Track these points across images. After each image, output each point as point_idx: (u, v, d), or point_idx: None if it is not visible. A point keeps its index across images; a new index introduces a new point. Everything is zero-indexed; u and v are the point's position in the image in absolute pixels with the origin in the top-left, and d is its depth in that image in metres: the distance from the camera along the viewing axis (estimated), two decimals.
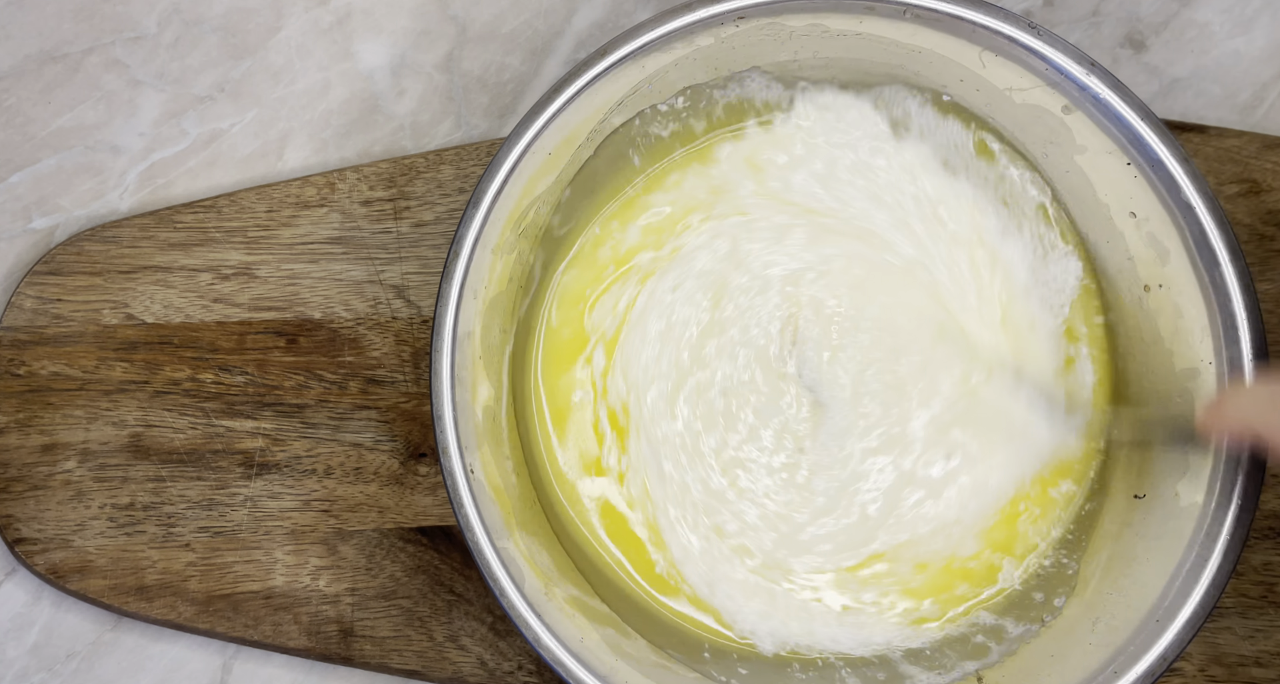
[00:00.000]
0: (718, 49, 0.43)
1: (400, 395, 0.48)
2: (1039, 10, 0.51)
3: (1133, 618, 0.41)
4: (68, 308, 0.48)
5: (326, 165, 0.51)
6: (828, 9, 0.42)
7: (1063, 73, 0.41)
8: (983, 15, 0.41)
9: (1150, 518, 0.42)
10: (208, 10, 0.51)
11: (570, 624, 0.41)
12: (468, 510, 0.40)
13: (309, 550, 0.47)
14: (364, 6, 0.51)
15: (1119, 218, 0.43)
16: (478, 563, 0.40)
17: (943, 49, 0.43)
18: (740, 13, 0.42)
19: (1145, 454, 0.44)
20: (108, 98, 0.50)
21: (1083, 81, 0.41)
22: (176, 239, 0.49)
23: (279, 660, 0.48)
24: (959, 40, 0.42)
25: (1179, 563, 0.40)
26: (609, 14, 0.51)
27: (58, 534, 0.47)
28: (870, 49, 0.44)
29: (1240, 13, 0.51)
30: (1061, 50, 0.41)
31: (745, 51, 0.44)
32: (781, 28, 0.43)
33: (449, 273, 0.41)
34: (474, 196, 0.41)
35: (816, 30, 0.43)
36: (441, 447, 0.40)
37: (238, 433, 0.48)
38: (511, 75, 0.51)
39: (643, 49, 0.42)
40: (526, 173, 0.42)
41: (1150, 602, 0.40)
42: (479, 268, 0.41)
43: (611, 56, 0.41)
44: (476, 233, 0.41)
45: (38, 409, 0.47)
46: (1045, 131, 0.44)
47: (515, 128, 0.41)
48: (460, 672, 0.47)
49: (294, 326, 0.48)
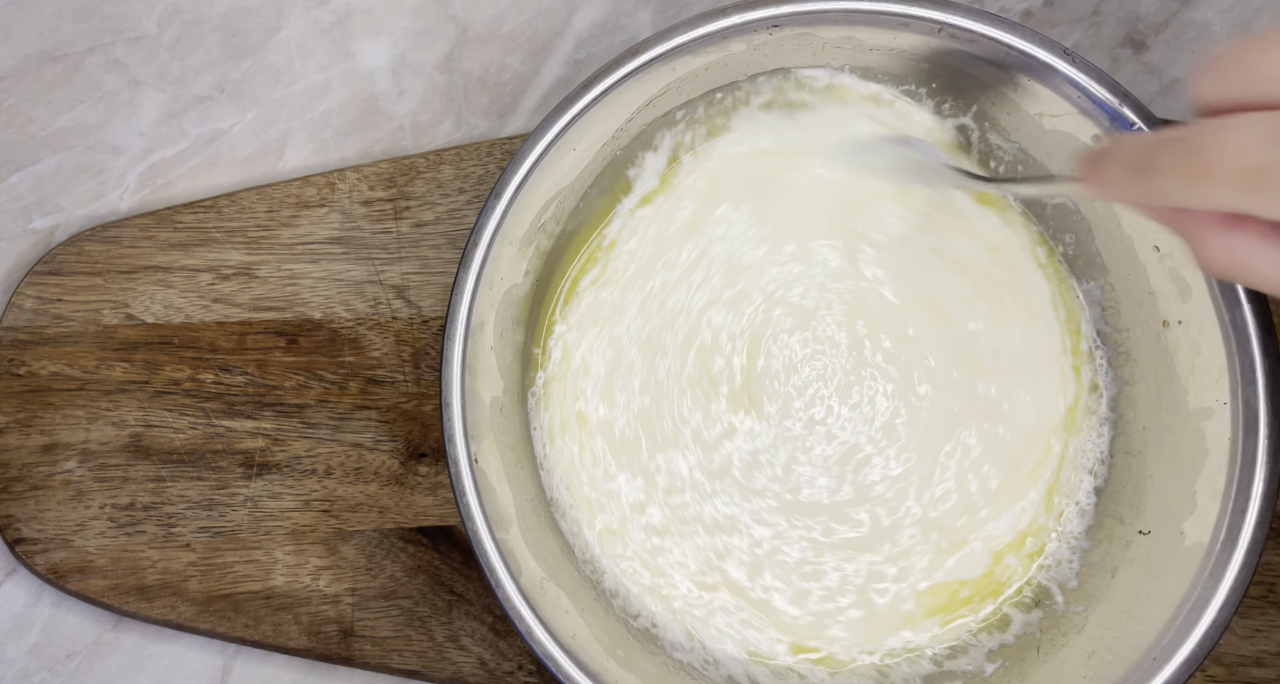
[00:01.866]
0: (749, 55, 0.43)
1: (400, 395, 0.48)
2: (1039, 10, 0.51)
3: (1129, 655, 0.40)
4: (68, 308, 0.48)
5: (326, 165, 0.51)
6: (863, 23, 0.42)
7: (1096, 101, 0.41)
8: (1019, 39, 0.41)
9: (1154, 555, 0.42)
10: (208, 10, 0.51)
11: (565, 620, 0.41)
12: (469, 499, 0.40)
13: (309, 550, 0.47)
14: (364, 6, 0.51)
15: (1142, 251, 0.43)
16: (476, 553, 0.40)
17: (974, 69, 0.43)
18: (775, 21, 0.41)
19: (1142, 485, 0.44)
20: (108, 98, 0.50)
21: (1116, 111, 0.41)
22: (176, 239, 0.49)
23: (279, 660, 0.48)
24: (992, 61, 0.42)
25: (1180, 602, 0.40)
26: (609, 14, 0.51)
27: (58, 534, 0.47)
28: (900, 65, 0.44)
29: (1240, 13, 0.51)
30: (1096, 79, 0.41)
31: (776, 59, 0.44)
32: (815, 38, 0.43)
33: (466, 261, 0.41)
34: (496, 187, 0.41)
35: (849, 43, 0.43)
36: (447, 435, 0.40)
37: (238, 433, 0.48)
38: (511, 75, 0.51)
39: (675, 51, 0.41)
40: (551, 167, 0.42)
41: (1149, 640, 0.40)
42: (496, 259, 0.41)
43: (643, 56, 0.41)
44: (496, 223, 0.41)
45: (38, 409, 0.48)
46: (1073, 159, 0.43)
47: (542, 122, 0.41)
48: (460, 672, 0.47)
49: (294, 327, 0.48)
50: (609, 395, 0.46)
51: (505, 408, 0.44)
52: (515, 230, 0.42)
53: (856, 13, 0.41)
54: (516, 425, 0.45)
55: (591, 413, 0.46)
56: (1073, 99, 0.41)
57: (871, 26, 0.42)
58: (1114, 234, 0.44)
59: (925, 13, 0.41)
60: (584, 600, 0.43)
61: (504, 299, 0.43)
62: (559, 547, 0.45)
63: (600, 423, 0.46)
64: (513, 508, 0.42)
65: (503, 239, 0.41)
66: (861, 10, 0.41)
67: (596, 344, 0.46)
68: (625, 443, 0.46)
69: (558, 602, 0.42)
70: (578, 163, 0.43)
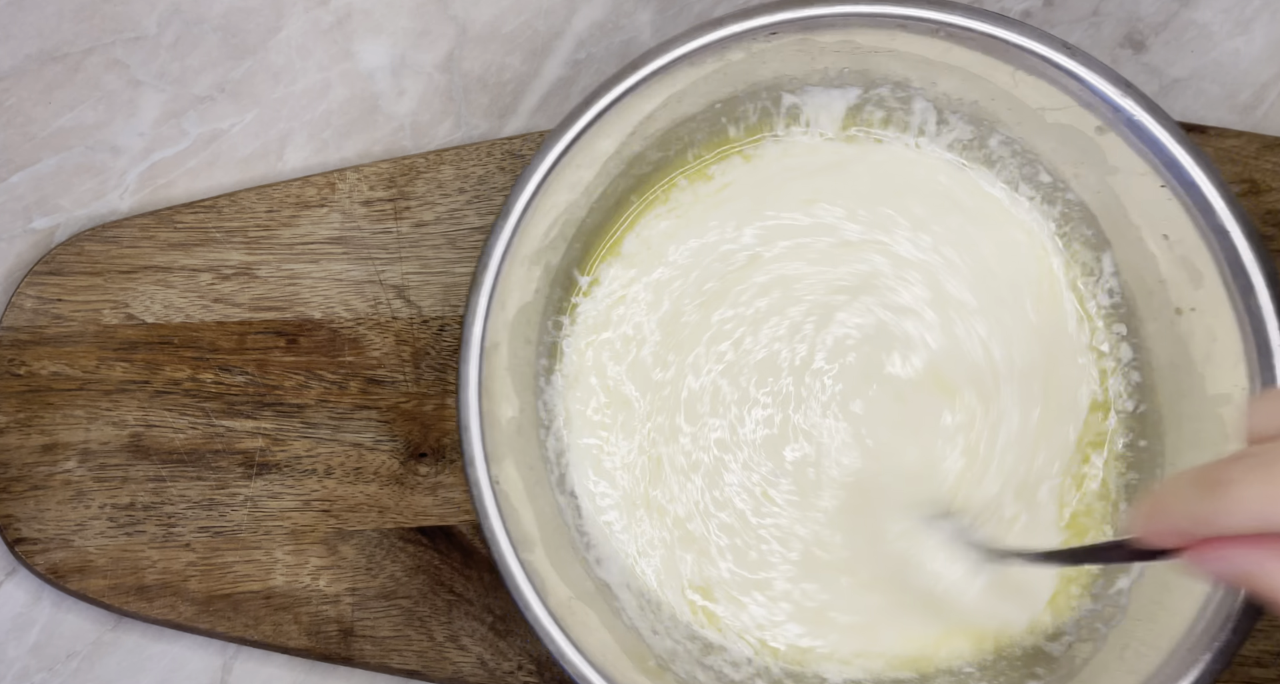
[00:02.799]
0: (748, 63, 0.43)
1: (400, 395, 0.48)
2: (1039, 10, 0.51)
3: (1163, 646, 0.40)
4: (68, 308, 0.48)
5: (326, 165, 0.51)
6: (860, 25, 0.42)
7: (1097, 94, 0.41)
8: (1016, 35, 0.41)
9: None
10: (208, 10, 0.51)
11: (594, 638, 0.41)
12: (493, 522, 0.40)
13: (309, 550, 0.47)
14: (364, 6, 0.51)
15: (1151, 240, 0.43)
16: (502, 576, 0.40)
17: (974, 67, 0.43)
18: (773, 28, 0.41)
19: None
20: (108, 98, 0.50)
21: (1117, 103, 0.41)
22: (176, 239, 0.49)
23: (279, 660, 0.48)
24: (991, 59, 0.42)
25: (1211, 591, 0.39)
26: (609, 14, 0.51)
27: (58, 534, 0.47)
28: (900, 65, 0.44)
29: (1240, 13, 0.51)
30: (1096, 71, 0.41)
31: (774, 66, 0.44)
32: (813, 43, 0.43)
33: (477, 284, 0.41)
34: (504, 208, 0.41)
35: (847, 46, 0.43)
36: (467, 457, 0.40)
37: (238, 433, 0.48)
38: (511, 75, 0.51)
39: (674, 63, 0.41)
40: (555, 186, 0.42)
41: (1181, 630, 0.40)
42: (507, 279, 0.41)
43: (643, 70, 0.41)
44: (505, 244, 0.41)
45: (38, 409, 0.48)
46: (1076, 152, 0.43)
47: (544, 142, 0.41)
48: (460, 672, 0.47)
49: (294, 327, 0.48)
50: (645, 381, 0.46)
51: (523, 427, 0.44)
52: (524, 249, 0.42)
53: (854, 16, 0.41)
54: (534, 445, 0.45)
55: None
56: (1073, 91, 0.41)
57: (869, 28, 0.42)
58: (1121, 224, 0.44)
59: (922, 13, 0.41)
60: (605, 615, 0.43)
61: (517, 318, 0.43)
62: (583, 564, 0.45)
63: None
64: (535, 528, 0.42)
65: (512, 258, 0.41)
66: (859, 13, 0.41)
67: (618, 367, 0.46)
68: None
69: (586, 620, 0.41)
70: (583, 178, 0.43)
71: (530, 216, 0.41)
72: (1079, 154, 0.44)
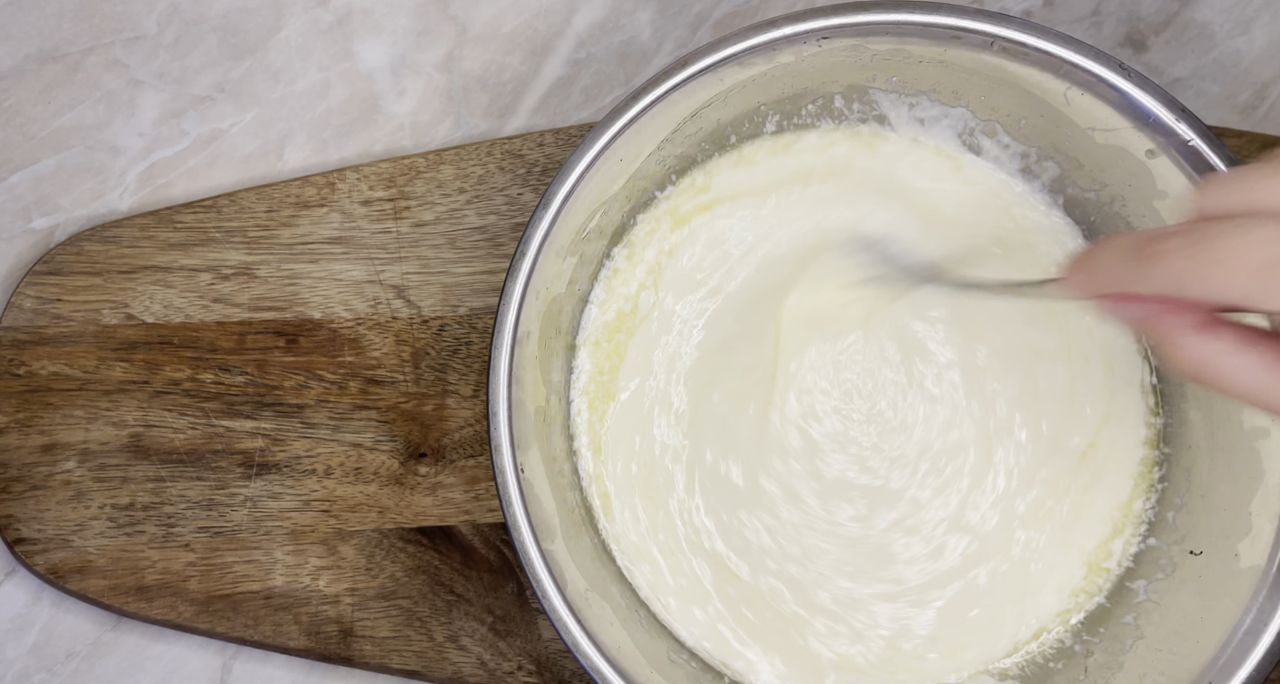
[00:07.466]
0: (797, 67, 0.42)
1: (400, 395, 0.48)
2: (1039, 10, 0.51)
3: (1183, 678, 0.39)
4: (68, 308, 0.48)
5: (326, 165, 0.51)
6: (914, 35, 0.41)
7: (1150, 117, 0.40)
8: (1073, 53, 0.40)
9: (1207, 576, 0.41)
10: (208, 10, 0.51)
11: (610, 632, 0.41)
12: (516, 509, 0.40)
13: (309, 550, 0.47)
14: (364, 6, 0.51)
15: None
16: (522, 563, 0.39)
17: (1027, 83, 0.42)
18: (825, 32, 0.41)
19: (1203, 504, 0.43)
20: (108, 98, 0.50)
21: (1171, 127, 0.40)
22: (176, 239, 0.49)
23: (279, 661, 0.48)
24: (1045, 75, 0.41)
25: (1235, 624, 0.39)
26: (609, 14, 0.51)
27: (58, 534, 0.47)
28: (951, 78, 0.43)
29: (1240, 13, 0.51)
30: (1151, 93, 0.40)
31: (825, 71, 0.43)
32: (864, 50, 0.42)
33: (514, 271, 0.40)
34: (544, 198, 0.40)
35: (899, 55, 0.42)
36: (494, 444, 0.40)
37: (238, 433, 0.48)
38: (511, 75, 0.51)
39: (723, 62, 0.41)
40: (596, 178, 0.41)
41: (1202, 662, 0.39)
42: (543, 269, 0.41)
43: (692, 67, 0.40)
44: (544, 234, 0.40)
45: (38, 409, 0.47)
46: (1124, 174, 0.43)
47: (590, 133, 0.41)
48: (460, 672, 0.47)
49: (294, 327, 0.48)
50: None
51: (549, 417, 0.44)
52: (560, 240, 0.42)
53: (908, 25, 0.40)
54: (559, 437, 0.45)
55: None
56: (1127, 112, 0.40)
57: (923, 39, 0.41)
58: None
59: (978, 25, 0.40)
60: (623, 612, 0.43)
61: (549, 309, 0.43)
62: (603, 558, 0.45)
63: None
64: (556, 518, 0.42)
65: (549, 249, 0.41)
66: (913, 23, 0.40)
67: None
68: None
69: (602, 613, 0.41)
70: (623, 172, 0.43)
71: (570, 207, 0.41)
72: (1126, 176, 0.43)
